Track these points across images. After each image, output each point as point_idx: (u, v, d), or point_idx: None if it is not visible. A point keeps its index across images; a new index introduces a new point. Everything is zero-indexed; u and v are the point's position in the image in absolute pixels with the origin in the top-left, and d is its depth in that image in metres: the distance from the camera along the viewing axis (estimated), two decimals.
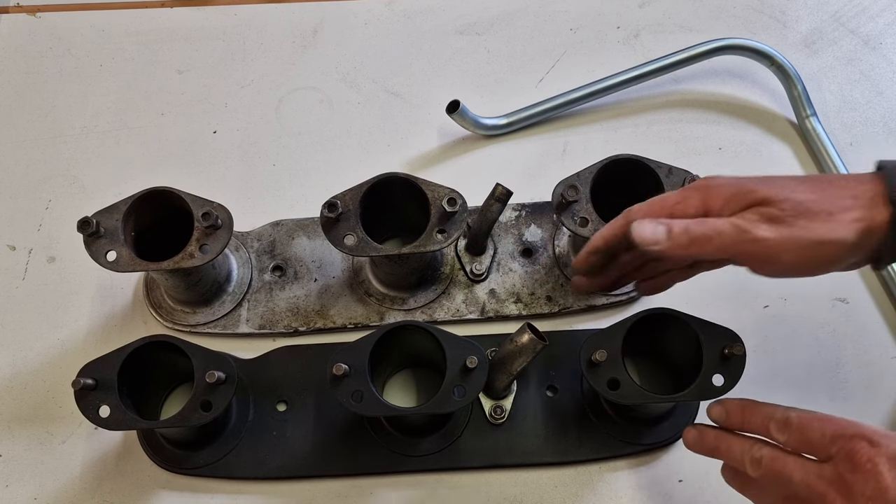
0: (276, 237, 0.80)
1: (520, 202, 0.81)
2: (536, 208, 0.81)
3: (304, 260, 0.79)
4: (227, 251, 0.77)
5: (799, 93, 0.87)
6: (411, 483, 0.70)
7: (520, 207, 0.81)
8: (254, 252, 0.79)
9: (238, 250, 0.79)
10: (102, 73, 0.93)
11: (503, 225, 0.80)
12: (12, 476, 0.71)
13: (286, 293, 0.77)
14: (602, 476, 0.71)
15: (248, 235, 0.80)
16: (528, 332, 0.63)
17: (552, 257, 0.79)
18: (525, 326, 0.63)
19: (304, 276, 0.78)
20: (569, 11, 0.97)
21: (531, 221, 0.80)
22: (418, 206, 0.69)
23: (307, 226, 0.80)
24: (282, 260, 0.79)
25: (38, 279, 0.80)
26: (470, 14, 0.97)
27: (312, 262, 0.79)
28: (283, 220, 0.81)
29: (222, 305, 0.76)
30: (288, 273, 0.78)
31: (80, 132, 0.88)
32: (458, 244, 0.79)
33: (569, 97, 0.88)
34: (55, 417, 0.73)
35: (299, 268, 0.78)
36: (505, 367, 0.65)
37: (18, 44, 0.95)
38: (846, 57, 0.94)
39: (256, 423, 0.71)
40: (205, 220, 0.67)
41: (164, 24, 0.96)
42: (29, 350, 0.76)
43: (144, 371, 0.65)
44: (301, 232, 0.80)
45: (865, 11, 0.97)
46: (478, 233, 0.75)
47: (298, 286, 0.78)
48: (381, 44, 0.95)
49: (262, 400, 0.72)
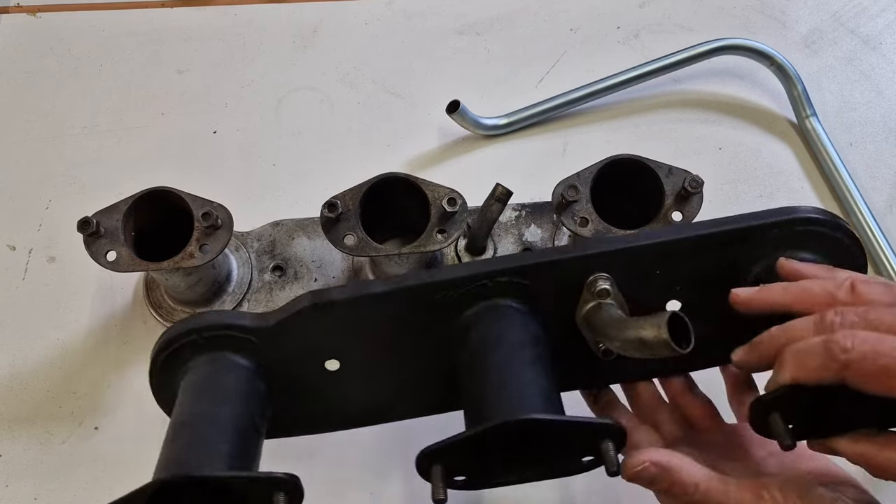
0: (277, 237, 0.80)
1: (520, 202, 0.81)
2: (536, 208, 0.81)
3: (304, 260, 0.79)
4: (227, 251, 0.77)
5: (799, 93, 0.87)
6: None
7: (520, 207, 0.81)
8: (254, 252, 0.79)
9: (238, 250, 0.79)
10: (102, 73, 0.93)
11: (503, 225, 0.80)
12: (12, 476, 0.71)
13: (286, 293, 0.77)
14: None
15: (249, 235, 0.80)
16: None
17: None
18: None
19: (305, 276, 0.78)
20: (569, 11, 0.97)
21: (531, 221, 0.80)
22: (418, 206, 0.69)
23: (307, 226, 0.80)
24: (282, 260, 0.79)
25: (38, 279, 0.80)
26: (470, 14, 0.97)
27: (312, 262, 0.79)
28: (284, 220, 0.81)
29: (222, 305, 0.76)
30: (288, 273, 0.78)
31: (80, 132, 0.88)
32: (457, 244, 0.79)
33: (569, 97, 0.88)
34: (55, 417, 0.73)
35: (299, 268, 0.78)
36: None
37: (18, 44, 0.95)
38: (846, 57, 0.94)
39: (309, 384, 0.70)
40: (205, 220, 0.67)
41: (164, 25, 0.96)
42: (29, 350, 0.76)
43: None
44: (301, 232, 0.80)
45: (865, 11, 0.97)
46: (478, 233, 0.76)
47: (298, 286, 0.78)
48: (381, 44, 0.95)
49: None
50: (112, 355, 0.75)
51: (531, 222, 0.80)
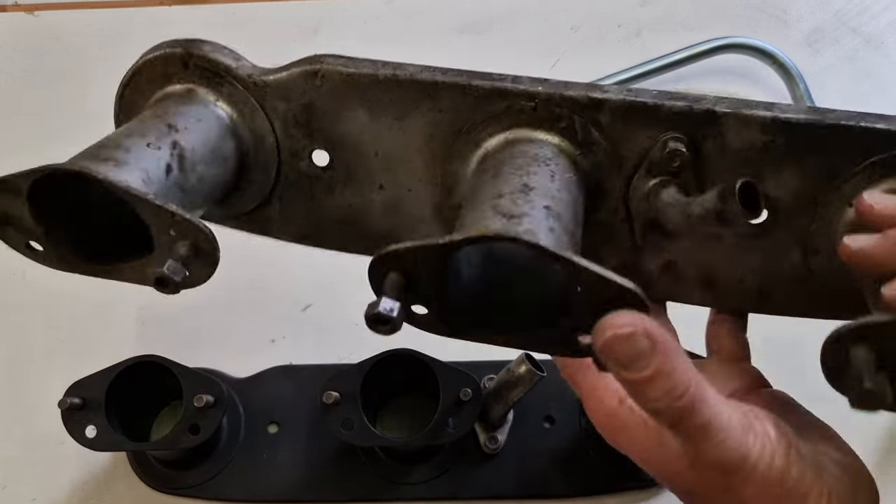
0: (315, 99, 0.45)
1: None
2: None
3: (358, 146, 0.46)
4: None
5: (801, 92, 0.87)
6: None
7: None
8: (278, 118, 0.46)
9: (247, 111, 0.46)
10: (101, 71, 0.92)
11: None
12: (10, 477, 0.70)
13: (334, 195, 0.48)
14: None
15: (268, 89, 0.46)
16: (525, 363, 0.61)
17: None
18: (522, 357, 0.61)
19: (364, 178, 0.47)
20: (569, 10, 0.97)
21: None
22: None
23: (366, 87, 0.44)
24: (324, 142, 0.46)
25: (37, 279, 0.79)
26: (470, 13, 0.97)
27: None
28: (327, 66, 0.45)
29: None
30: (338, 168, 0.47)
31: (78, 132, 0.88)
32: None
33: None
34: (53, 418, 0.73)
35: (352, 159, 0.46)
36: (501, 397, 0.64)
37: (16, 43, 0.94)
38: (848, 56, 0.93)
39: (247, 444, 0.70)
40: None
41: (163, 23, 0.95)
42: (27, 350, 0.76)
43: (134, 390, 0.64)
44: (355, 94, 0.44)
45: (868, 10, 0.96)
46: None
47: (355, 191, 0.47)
48: (380, 42, 0.94)
49: (253, 420, 0.71)
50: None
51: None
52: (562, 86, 0.42)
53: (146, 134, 0.41)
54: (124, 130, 0.42)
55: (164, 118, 0.42)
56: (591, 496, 0.69)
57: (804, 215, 0.42)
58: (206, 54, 0.44)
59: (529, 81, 0.43)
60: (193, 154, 0.42)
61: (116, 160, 0.39)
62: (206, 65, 0.44)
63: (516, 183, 0.38)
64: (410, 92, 0.43)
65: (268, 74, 0.44)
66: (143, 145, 0.40)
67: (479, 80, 0.44)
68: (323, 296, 0.78)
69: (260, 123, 0.45)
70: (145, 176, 0.39)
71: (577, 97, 0.41)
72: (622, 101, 0.41)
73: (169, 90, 0.45)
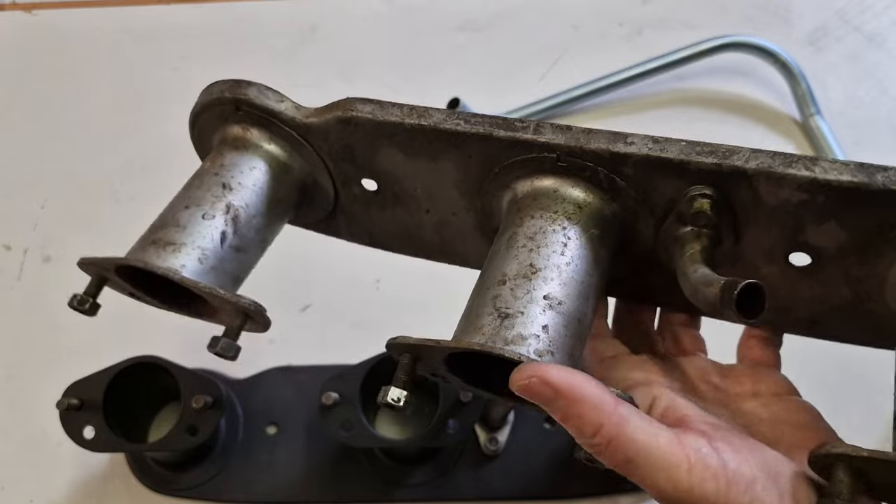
0: (352, 141, 0.48)
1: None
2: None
3: (400, 180, 0.49)
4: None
5: (803, 91, 0.87)
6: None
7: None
8: (325, 154, 0.49)
9: (297, 146, 0.49)
10: (99, 70, 0.92)
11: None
12: (8, 478, 0.70)
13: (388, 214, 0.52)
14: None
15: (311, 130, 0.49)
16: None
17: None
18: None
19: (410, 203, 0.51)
20: (571, 8, 0.96)
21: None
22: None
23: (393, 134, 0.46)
24: (370, 174, 0.49)
25: (34, 279, 0.79)
26: (470, 10, 0.96)
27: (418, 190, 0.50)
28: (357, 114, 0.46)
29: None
30: (386, 194, 0.51)
31: (76, 130, 0.88)
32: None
33: (571, 95, 0.87)
34: (51, 418, 0.72)
35: (398, 189, 0.50)
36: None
37: (14, 41, 0.94)
38: (851, 55, 0.93)
39: (246, 445, 0.70)
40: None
41: (161, 21, 0.95)
42: (25, 350, 0.75)
43: (132, 390, 0.64)
44: (386, 139, 0.47)
45: (870, 9, 0.96)
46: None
47: (405, 212, 0.51)
48: (380, 40, 0.94)
49: (252, 421, 0.71)
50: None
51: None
52: (584, 136, 0.41)
53: (202, 203, 0.46)
54: (183, 199, 0.46)
55: (220, 175, 0.47)
56: (591, 497, 0.69)
57: (852, 260, 0.41)
58: (252, 100, 0.47)
59: (551, 131, 0.42)
60: (248, 210, 0.47)
61: (175, 244, 0.44)
62: (255, 110, 0.47)
63: (524, 260, 0.40)
64: (437, 141, 0.45)
65: (309, 117, 0.47)
66: (198, 217, 0.45)
67: (500, 130, 0.43)
68: (322, 296, 0.78)
69: (311, 156, 0.48)
70: (201, 254, 0.44)
71: (599, 151, 0.41)
72: (646, 156, 0.41)
73: (227, 133, 0.49)
